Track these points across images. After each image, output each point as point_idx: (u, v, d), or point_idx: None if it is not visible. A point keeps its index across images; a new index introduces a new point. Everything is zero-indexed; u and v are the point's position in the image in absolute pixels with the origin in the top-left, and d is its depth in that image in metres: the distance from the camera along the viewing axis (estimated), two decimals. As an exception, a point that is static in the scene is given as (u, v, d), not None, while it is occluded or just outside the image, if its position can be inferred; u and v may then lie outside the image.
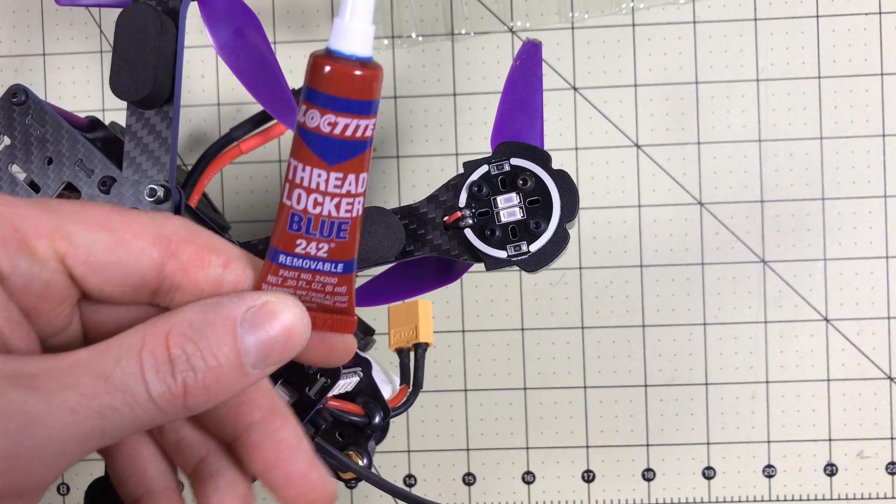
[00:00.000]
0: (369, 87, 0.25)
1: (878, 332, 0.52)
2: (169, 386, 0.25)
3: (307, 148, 0.25)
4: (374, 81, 0.25)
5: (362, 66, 0.25)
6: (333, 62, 0.25)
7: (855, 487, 0.53)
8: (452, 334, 0.54)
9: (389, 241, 0.37)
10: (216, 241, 0.28)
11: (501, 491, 0.54)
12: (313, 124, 0.25)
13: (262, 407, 0.29)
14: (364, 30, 0.25)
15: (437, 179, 0.53)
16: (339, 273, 0.27)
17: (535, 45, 0.39)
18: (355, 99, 0.25)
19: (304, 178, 0.26)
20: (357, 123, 0.25)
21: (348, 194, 0.26)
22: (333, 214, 0.26)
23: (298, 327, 0.27)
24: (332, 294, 0.28)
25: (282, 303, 0.27)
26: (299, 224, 0.26)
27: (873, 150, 0.52)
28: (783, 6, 0.52)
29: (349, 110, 0.25)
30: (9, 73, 0.54)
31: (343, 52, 0.25)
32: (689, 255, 0.53)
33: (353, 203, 0.26)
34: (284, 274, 0.27)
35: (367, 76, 0.25)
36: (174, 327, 0.26)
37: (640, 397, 0.53)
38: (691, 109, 0.53)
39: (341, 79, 0.25)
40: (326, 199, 0.26)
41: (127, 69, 0.37)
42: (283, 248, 0.27)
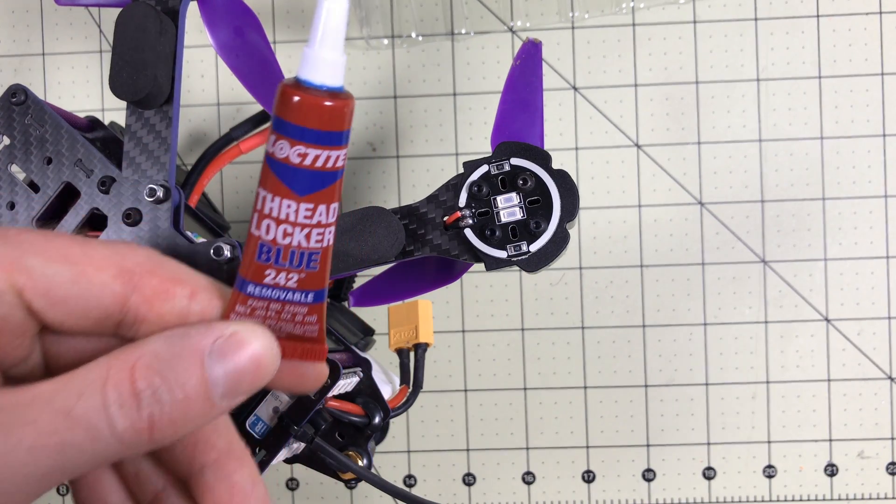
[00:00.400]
0: (340, 117, 0.24)
1: (879, 332, 0.52)
2: (133, 421, 0.24)
3: (276, 178, 0.25)
4: (344, 112, 0.24)
5: (332, 97, 0.24)
6: (303, 93, 0.24)
7: (855, 488, 0.53)
8: (452, 334, 0.54)
9: (389, 241, 0.37)
10: (181, 272, 0.27)
11: (501, 491, 0.54)
12: (282, 155, 0.24)
13: (217, 448, 0.28)
14: (334, 59, 0.24)
15: (437, 179, 0.53)
16: (310, 303, 0.27)
17: (535, 44, 0.39)
18: (326, 130, 0.24)
19: (274, 208, 0.25)
20: (328, 154, 0.25)
21: (319, 224, 0.25)
22: (303, 245, 0.26)
23: (267, 356, 0.26)
24: (302, 323, 0.27)
25: (250, 332, 0.26)
26: (268, 254, 0.26)
27: (873, 150, 0.52)
28: (783, 6, 0.52)
29: (320, 141, 0.24)
30: (8, 73, 0.54)
31: (312, 83, 0.24)
32: (689, 255, 0.53)
33: (324, 233, 0.26)
34: (253, 304, 0.26)
35: (338, 107, 0.24)
36: (140, 359, 0.25)
37: (640, 397, 0.53)
38: (691, 109, 0.53)
39: (311, 110, 0.24)
40: (296, 229, 0.25)
41: (127, 69, 0.37)
42: (252, 278, 0.26)
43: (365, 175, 0.54)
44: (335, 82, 0.24)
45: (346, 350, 0.41)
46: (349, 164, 0.54)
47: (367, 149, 0.54)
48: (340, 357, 0.39)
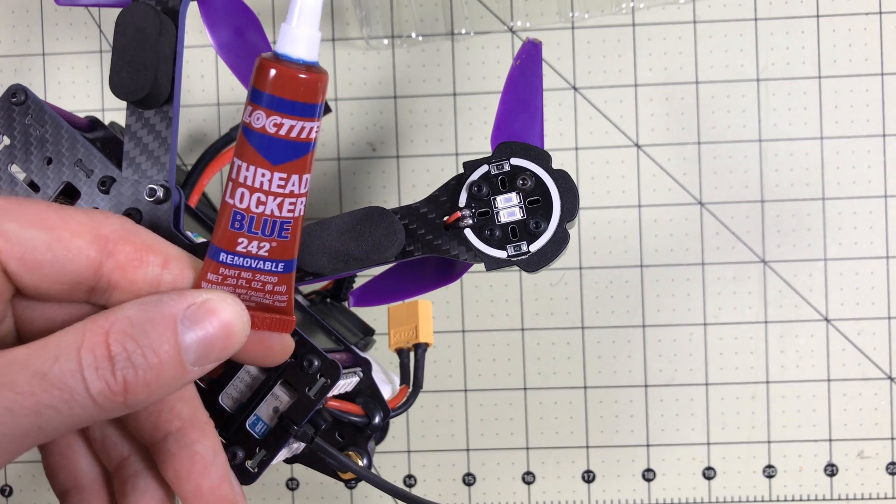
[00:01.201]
0: (314, 90, 0.26)
1: (879, 332, 0.52)
2: (109, 383, 0.25)
3: (252, 148, 0.26)
4: (318, 84, 0.26)
5: (307, 70, 0.25)
6: (279, 65, 0.25)
7: (855, 488, 0.53)
8: (452, 334, 0.54)
9: (389, 241, 0.37)
10: (155, 241, 0.28)
11: (501, 491, 0.54)
12: (258, 125, 0.25)
13: (181, 417, 0.29)
14: (310, 35, 0.26)
15: (437, 179, 0.53)
16: (280, 272, 0.28)
17: (535, 44, 0.39)
18: (300, 101, 0.25)
19: (248, 177, 0.26)
20: (302, 125, 0.26)
21: (291, 194, 0.26)
22: (276, 214, 0.27)
23: (238, 324, 0.27)
24: (271, 293, 0.28)
25: (221, 300, 0.27)
26: (241, 222, 0.26)
27: (873, 150, 0.52)
28: (783, 6, 0.52)
29: (294, 112, 0.25)
30: (8, 73, 0.54)
31: (289, 56, 0.25)
32: (689, 255, 0.53)
33: (296, 203, 0.27)
34: (225, 272, 0.27)
35: (312, 79, 0.25)
36: (114, 325, 0.25)
37: (640, 397, 0.53)
38: (691, 109, 0.53)
39: (287, 81, 0.25)
40: (269, 198, 0.26)
41: (126, 69, 0.37)
42: (225, 246, 0.27)
43: (365, 175, 0.54)
44: (311, 57, 0.26)
45: (346, 350, 0.41)
46: (349, 163, 0.54)
47: (367, 149, 0.54)
48: (340, 357, 0.39)
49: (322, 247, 0.37)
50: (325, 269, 0.37)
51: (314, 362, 0.36)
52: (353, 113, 0.53)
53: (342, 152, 0.54)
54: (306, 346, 0.37)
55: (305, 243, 0.37)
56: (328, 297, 0.49)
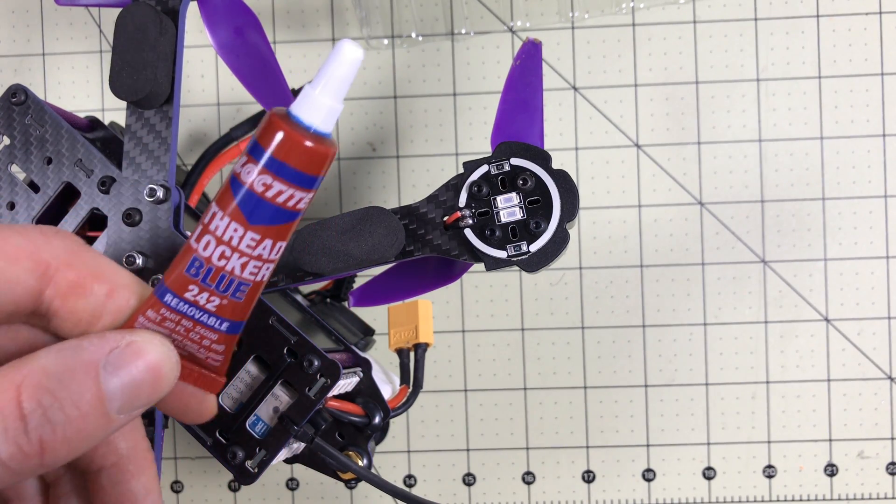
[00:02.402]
0: (319, 162, 0.24)
1: (879, 332, 0.52)
2: (21, 445, 0.23)
3: (234, 200, 0.24)
4: (325, 159, 0.24)
5: (317, 141, 0.24)
6: (289, 128, 0.24)
7: (855, 488, 0.53)
8: (452, 334, 0.54)
9: (389, 241, 0.37)
10: (102, 267, 0.26)
11: (501, 491, 0.54)
12: (248, 179, 0.24)
13: (117, 452, 0.27)
14: (331, 106, 0.24)
15: (437, 179, 0.53)
16: (222, 331, 0.26)
17: (535, 44, 0.39)
18: (301, 171, 0.24)
19: (220, 227, 0.24)
20: (292, 193, 0.24)
21: (259, 258, 0.25)
22: (236, 273, 0.25)
23: (166, 366, 0.25)
24: (207, 349, 0.26)
25: (148, 342, 0.25)
26: (198, 270, 0.25)
27: (873, 150, 0.52)
28: (783, 6, 0.52)
29: (291, 179, 0.24)
30: (8, 73, 0.54)
31: (302, 121, 0.24)
32: (689, 255, 0.53)
33: (261, 268, 0.25)
34: (165, 314, 0.25)
35: (321, 152, 0.24)
36: (27, 378, 0.23)
37: (640, 397, 0.53)
38: (691, 109, 0.53)
39: (293, 147, 0.23)
40: (235, 255, 0.25)
41: (127, 69, 0.37)
42: (174, 288, 0.25)
43: (365, 175, 0.54)
44: (326, 128, 0.24)
45: (346, 350, 0.41)
46: (349, 163, 0.54)
47: (367, 149, 0.54)
48: (340, 357, 0.39)
49: (322, 247, 0.37)
50: (325, 269, 0.37)
51: (314, 362, 0.36)
52: (353, 113, 0.53)
53: (342, 152, 0.54)
54: (306, 346, 0.37)
55: (305, 243, 0.37)
56: (328, 297, 0.49)
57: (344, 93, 0.24)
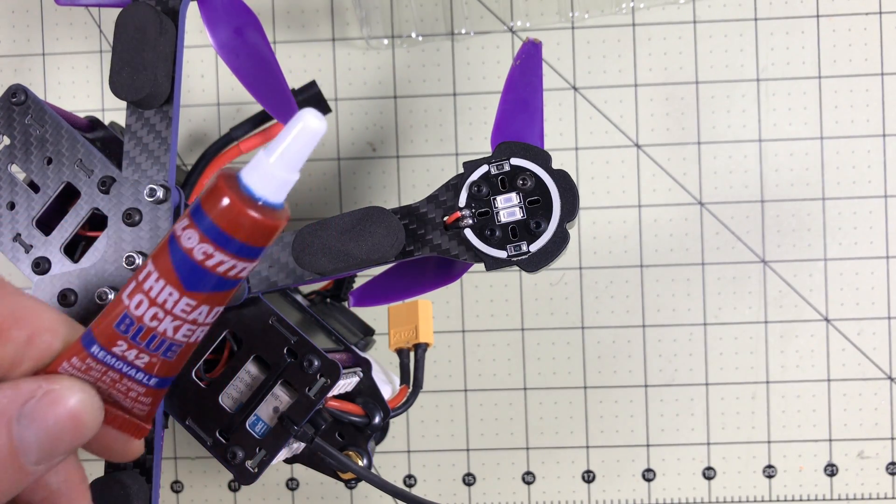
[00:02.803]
0: (266, 235, 0.22)
1: (879, 332, 0.52)
2: None
3: (170, 263, 0.23)
4: (272, 232, 0.22)
5: (265, 213, 0.22)
6: (237, 196, 0.22)
7: (855, 488, 0.53)
8: (452, 334, 0.54)
9: (389, 241, 0.37)
10: (23, 310, 0.24)
11: (501, 491, 0.54)
12: (188, 245, 0.22)
13: (47, 487, 0.26)
14: (285, 179, 0.22)
15: (437, 179, 0.53)
16: (150, 386, 0.25)
17: (535, 44, 0.39)
18: (244, 242, 0.22)
19: (154, 289, 0.23)
20: (234, 264, 0.22)
21: (194, 322, 0.23)
22: (168, 335, 0.24)
23: (88, 413, 0.24)
24: (134, 400, 0.25)
25: (67, 389, 0.24)
26: (128, 327, 0.24)
27: (873, 150, 0.52)
28: (783, 6, 0.52)
29: (233, 250, 0.22)
30: (9, 73, 0.54)
31: (252, 191, 0.22)
32: (689, 255, 0.53)
33: (195, 331, 0.24)
34: (91, 364, 0.24)
35: (267, 225, 0.22)
36: None
37: (640, 397, 0.53)
38: (691, 109, 0.53)
39: (238, 218, 0.22)
40: (168, 318, 0.23)
41: (127, 69, 0.37)
42: (101, 341, 0.24)
43: (365, 175, 0.54)
44: (277, 199, 0.22)
45: (346, 350, 0.41)
46: (349, 163, 0.54)
47: (367, 149, 0.54)
48: (340, 357, 0.39)
49: (322, 247, 0.37)
50: (325, 269, 0.37)
51: (314, 362, 0.36)
52: (353, 113, 0.53)
53: (342, 152, 0.54)
54: (306, 346, 0.37)
55: (305, 243, 0.37)
56: (328, 297, 0.49)
57: (301, 164, 0.22)
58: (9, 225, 0.38)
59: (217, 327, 0.38)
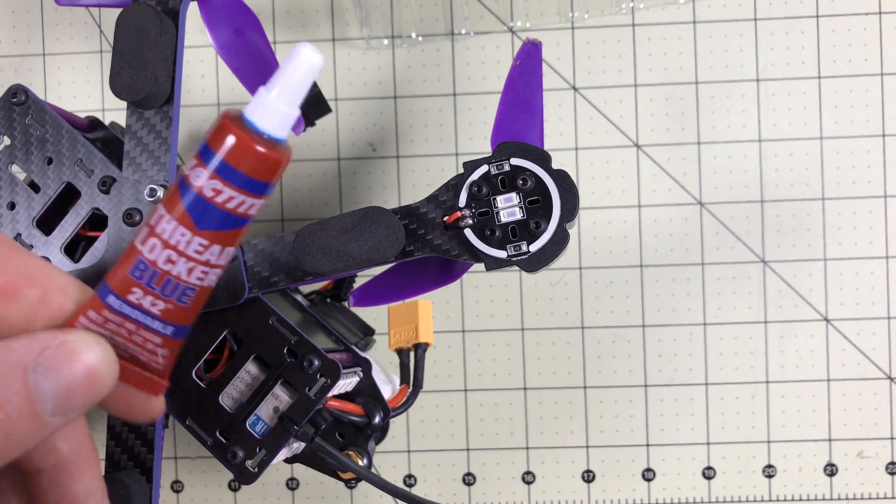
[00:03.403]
0: (272, 169, 0.23)
1: (878, 332, 0.52)
2: None
3: (181, 204, 0.23)
4: (277, 166, 0.23)
5: (271, 147, 0.23)
6: (242, 132, 0.22)
7: (855, 487, 0.53)
8: (452, 334, 0.54)
9: (389, 241, 0.37)
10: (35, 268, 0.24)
11: (501, 491, 0.54)
12: (197, 183, 0.23)
13: (57, 453, 0.26)
14: (286, 112, 0.23)
15: (437, 179, 0.53)
16: (167, 335, 0.25)
17: (535, 45, 0.39)
18: (251, 176, 0.23)
19: (167, 230, 0.23)
20: (243, 200, 0.23)
21: (206, 263, 0.24)
22: (183, 277, 0.24)
23: (103, 368, 0.24)
24: (151, 352, 0.25)
25: (82, 341, 0.24)
26: (142, 273, 0.24)
27: (873, 150, 0.52)
28: (783, 6, 0.52)
29: (241, 185, 0.23)
30: (9, 73, 0.54)
31: (257, 126, 0.23)
32: (689, 255, 0.53)
33: (208, 273, 0.24)
34: (108, 316, 0.24)
35: (273, 158, 0.23)
36: None
37: (640, 397, 0.53)
38: (691, 109, 0.53)
39: (245, 152, 0.22)
40: (181, 260, 0.23)
41: (127, 69, 0.37)
42: (117, 290, 0.24)
43: (365, 175, 0.54)
44: (280, 133, 0.23)
45: (346, 350, 0.41)
46: (349, 163, 0.54)
47: (367, 149, 0.54)
48: (340, 357, 0.39)
49: (322, 247, 0.37)
50: (325, 269, 0.37)
51: (314, 362, 0.36)
52: (353, 113, 0.53)
53: (342, 152, 0.54)
54: (306, 345, 0.37)
55: (305, 243, 0.37)
56: (328, 297, 0.49)
57: (300, 99, 0.23)
58: (9, 225, 0.38)
59: (217, 327, 0.38)
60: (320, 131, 0.53)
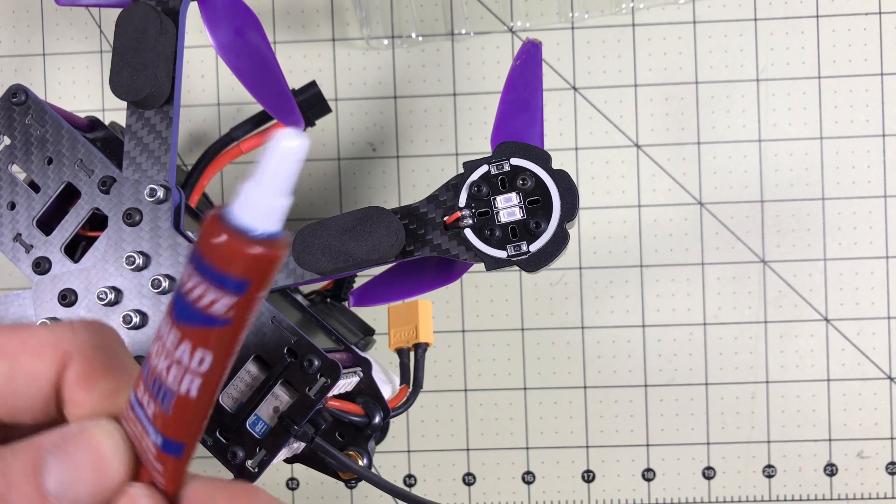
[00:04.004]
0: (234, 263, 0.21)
1: (878, 332, 0.52)
2: None
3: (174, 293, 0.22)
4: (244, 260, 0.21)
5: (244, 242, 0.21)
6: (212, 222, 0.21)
7: (855, 487, 0.53)
8: (452, 334, 0.54)
9: (389, 241, 0.37)
10: (116, 364, 0.24)
11: (501, 491, 0.54)
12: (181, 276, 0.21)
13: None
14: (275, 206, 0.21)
15: (437, 179, 0.53)
16: (159, 446, 0.23)
17: (535, 45, 0.39)
18: (213, 266, 0.21)
19: (163, 325, 0.22)
20: (206, 291, 0.21)
21: (179, 363, 0.22)
22: (163, 377, 0.22)
23: (110, 454, 0.23)
24: (152, 463, 0.23)
25: (97, 426, 0.23)
26: (145, 365, 0.23)
27: (873, 150, 0.52)
28: (783, 6, 0.52)
29: (205, 274, 0.21)
30: (9, 73, 0.54)
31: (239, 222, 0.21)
32: (689, 255, 0.53)
33: (183, 377, 0.22)
34: (129, 413, 0.23)
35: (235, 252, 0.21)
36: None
37: (640, 397, 0.53)
38: (691, 109, 0.53)
39: (206, 243, 0.21)
40: (163, 355, 0.22)
41: (127, 69, 0.37)
42: (135, 383, 0.23)
43: (365, 175, 0.54)
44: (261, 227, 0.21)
45: (346, 350, 0.41)
46: (349, 163, 0.54)
47: (367, 149, 0.54)
48: (340, 357, 0.39)
49: (322, 247, 0.37)
50: (325, 269, 0.37)
51: (314, 362, 0.36)
52: (353, 113, 0.53)
53: (342, 152, 0.54)
54: (306, 345, 0.37)
55: (305, 243, 0.37)
56: (328, 297, 0.49)
57: (288, 187, 0.21)
58: (9, 225, 0.38)
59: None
60: (320, 131, 0.53)
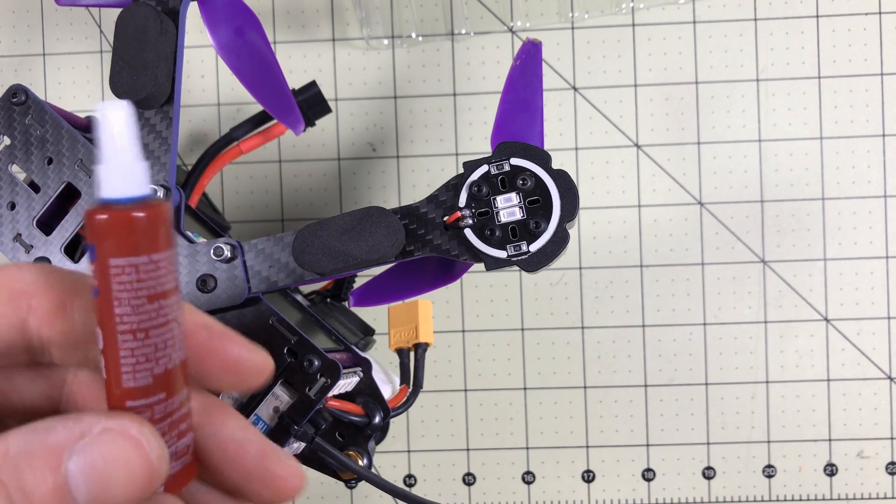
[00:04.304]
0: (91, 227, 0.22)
1: (878, 332, 0.52)
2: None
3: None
4: (92, 223, 0.22)
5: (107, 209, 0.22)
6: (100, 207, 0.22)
7: (855, 487, 0.53)
8: (452, 334, 0.54)
9: (389, 241, 0.37)
10: (78, 282, 0.24)
11: (501, 491, 0.54)
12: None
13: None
14: (128, 171, 0.22)
15: (437, 179, 0.53)
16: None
17: (535, 45, 0.39)
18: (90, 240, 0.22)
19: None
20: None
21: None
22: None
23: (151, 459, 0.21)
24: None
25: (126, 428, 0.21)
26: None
27: (873, 150, 0.52)
28: (783, 6, 0.52)
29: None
30: (9, 73, 0.54)
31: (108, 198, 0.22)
32: (689, 255, 0.53)
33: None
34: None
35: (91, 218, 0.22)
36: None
37: (640, 397, 0.53)
38: (691, 109, 0.53)
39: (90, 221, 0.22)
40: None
41: (127, 69, 0.37)
42: None
43: (365, 175, 0.54)
44: (120, 194, 0.22)
45: (346, 350, 0.41)
46: (349, 163, 0.54)
47: (367, 149, 0.54)
48: (340, 357, 0.39)
49: (322, 247, 0.37)
50: (324, 269, 0.37)
51: (314, 362, 0.36)
52: (353, 113, 0.53)
53: (342, 152, 0.54)
54: (306, 345, 0.37)
55: (305, 243, 0.37)
56: (328, 297, 0.49)
57: (134, 149, 0.22)
58: (9, 225, 0.38)
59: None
60: (320, 131, 0.53)
